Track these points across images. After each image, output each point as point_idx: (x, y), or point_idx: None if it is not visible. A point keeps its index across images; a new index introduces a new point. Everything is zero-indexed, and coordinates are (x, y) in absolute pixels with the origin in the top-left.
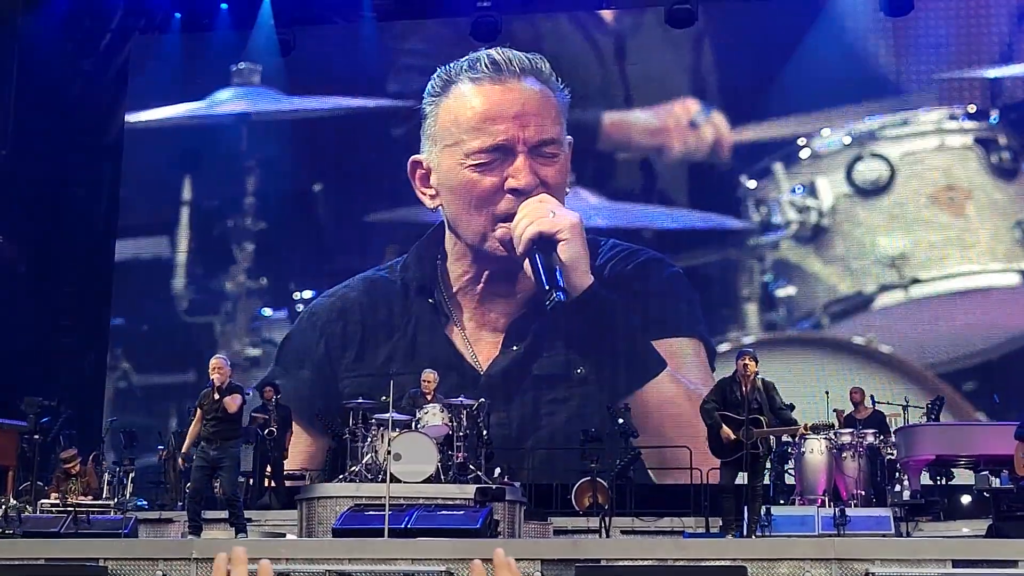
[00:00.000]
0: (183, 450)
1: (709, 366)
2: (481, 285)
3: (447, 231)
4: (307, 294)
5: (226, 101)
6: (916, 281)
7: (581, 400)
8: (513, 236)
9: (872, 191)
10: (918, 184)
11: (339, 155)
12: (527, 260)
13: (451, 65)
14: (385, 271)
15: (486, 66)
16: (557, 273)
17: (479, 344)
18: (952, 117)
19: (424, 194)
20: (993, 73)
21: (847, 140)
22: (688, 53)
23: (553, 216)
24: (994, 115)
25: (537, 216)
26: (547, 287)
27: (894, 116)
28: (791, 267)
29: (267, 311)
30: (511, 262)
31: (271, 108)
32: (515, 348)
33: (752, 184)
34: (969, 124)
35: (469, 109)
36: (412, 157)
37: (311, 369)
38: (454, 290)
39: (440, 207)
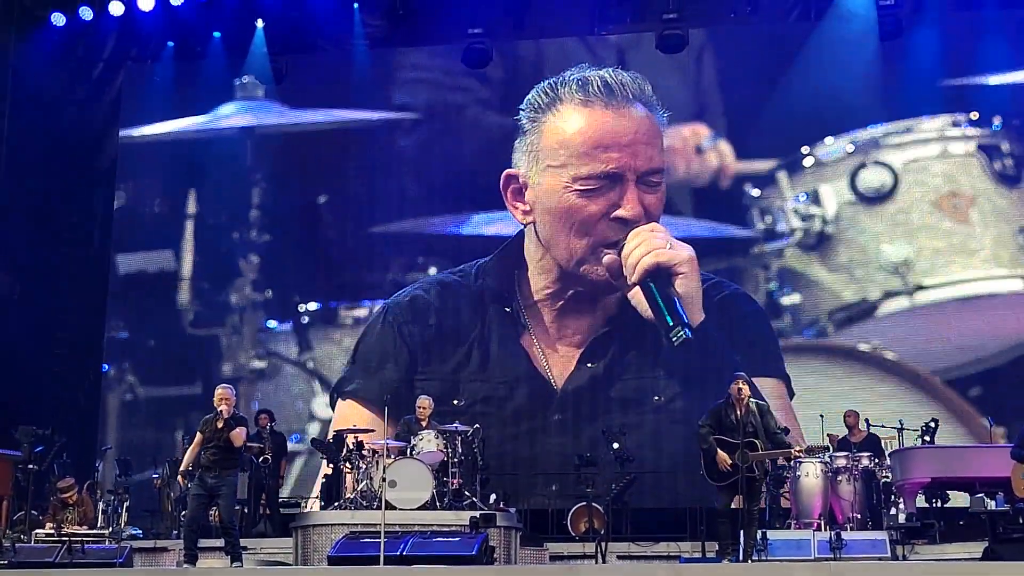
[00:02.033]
0: (182, 468)
1: (790, 406)
2: (562, 301)
3: (531, 243)
4: (312, 306)
5: (230, 115)
6: (920, 288)
7: (655, 426)
8: (625, 264)
9: (875, 198)
10: (921, 191)
11: (344, 167)
12: (639, 290)
13: (558, 81)
14: (458, 275)
15: (599, 89)
16: (679, 307)
17: (553, 357)
18: (955, 124)
19: (516, 208)
20: (995, 80)
21: (850, 148)
22: (688, 71)
23: (670, 248)
24: (997, 122)
25: (655, 247)
26: (672, 323)
27: (897, 124)
28: (796, 275)
29: (272, 323)
30: (600, 284)
31: (275, 121)
32: (590, 365)
33: (756, 192)
34: (972, 131)
35: (579, 133)
36: (506, 171)
37: (394, 369)
38: (532, 300)
39: (533, 223)
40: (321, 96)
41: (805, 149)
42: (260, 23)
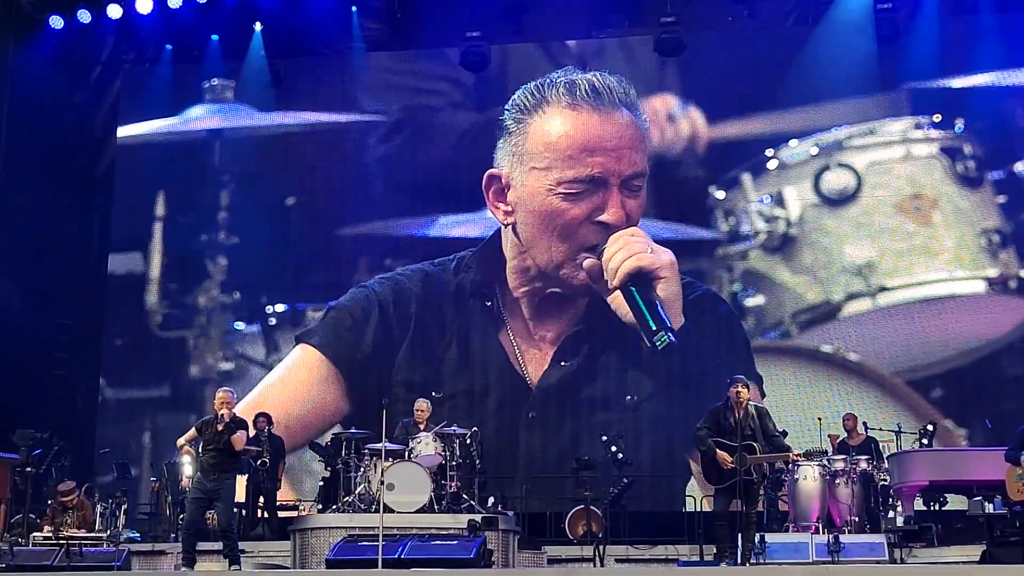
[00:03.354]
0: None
1: None
2: (538, 300)
3: (509, 243)
4: (280, 308)
5: (199, 117)
6: (883, 289)
7: (630, 425)
8: (606, 269)
9: (839, 200)
10: (884, 193)
11: (311, 169)
12: (620, 294)
13: (545, 83)
14: (439, 268)
15: (586, 92)
16: (661, 311)
17: (528, 354)
18: (918, 126)
19: (497, 208)
20: (958, 83)
21: (814, 150)
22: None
23: (651, 252)
24: (959, 124)
25: (636, 251)
26: (655, 328)
27: (860, 126)
28: (759, 276)
29: (240, 325)
30: (577, 287)
31: (244, 124)
32: (564, 364)
33: (720, 194)
34: (935, 133)
35: (566, 136)
36: (489, 171)
37: (363, 338)
38: (512, 297)
39: (512, 224)
40: (318, 103)
41: (769, 152)
42: (258, 26)
